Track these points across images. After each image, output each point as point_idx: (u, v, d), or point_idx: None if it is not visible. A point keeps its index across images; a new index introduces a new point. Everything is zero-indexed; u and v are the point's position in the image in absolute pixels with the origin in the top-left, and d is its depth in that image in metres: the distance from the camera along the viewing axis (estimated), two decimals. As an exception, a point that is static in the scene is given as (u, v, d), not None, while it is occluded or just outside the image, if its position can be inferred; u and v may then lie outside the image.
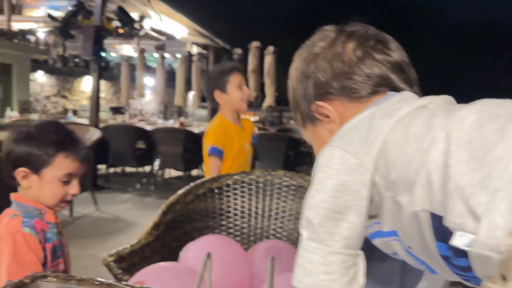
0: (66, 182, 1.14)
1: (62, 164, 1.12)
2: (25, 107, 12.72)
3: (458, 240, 0.50)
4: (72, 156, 1.13)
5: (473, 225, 0.48)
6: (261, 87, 9.35)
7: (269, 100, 8.58)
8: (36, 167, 1.10)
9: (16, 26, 14.86)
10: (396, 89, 0.71)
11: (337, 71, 0.71)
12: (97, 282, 0.88)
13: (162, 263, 1.38)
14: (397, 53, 0.73)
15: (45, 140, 1.11)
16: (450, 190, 0.51)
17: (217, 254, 1.40)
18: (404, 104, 0.64)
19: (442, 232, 0.53)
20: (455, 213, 0.50)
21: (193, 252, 1.48)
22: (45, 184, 1.12)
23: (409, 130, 0.59)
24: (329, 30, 0.75)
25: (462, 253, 0.51)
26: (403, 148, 0.58)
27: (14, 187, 1.17)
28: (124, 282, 0.90)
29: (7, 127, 4.68)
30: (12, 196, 1.15)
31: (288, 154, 5.01)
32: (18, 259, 1.04)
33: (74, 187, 1.15)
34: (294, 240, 1.73)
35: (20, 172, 1.10)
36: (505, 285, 0.45)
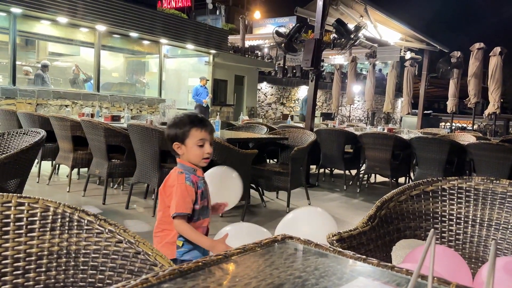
0: (201, 146, 1.74)
1: (195, 134, 1.73)
2: (252, 112, 14.90)
3: None
4: (200, 128, 1.73)
5: None
6: (483, 92, 8.34)
7: (492, 107, 7.58)
8: (182, 140, 1.74)
9: (247, 43, 17.53)
10: None
11: None
12: (331, 248, 1.13)
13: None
14: None
15: (180, 123, 1.75)
16: None
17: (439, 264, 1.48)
18: None
19: None
20: None
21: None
22: (191, 149, 1.74)
23: None
24: None
25: None
26: None
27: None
28: (352, 252, 1.10)
29: (240, 128, 5.61)
30: (178, 160, 1.80)
31: (516, 168, 4.37)
32: (182, 199, 1.70)
33: (207, 148, 1.75)
34: (517, 255, 1.62)
35: (176, 145, 1.76)
36: None
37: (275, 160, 5.43)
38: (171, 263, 1.05)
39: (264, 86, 17.24)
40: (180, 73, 14.29)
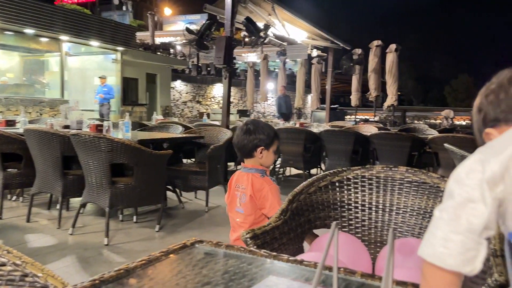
0: (275, 153, 2.05)
1: (276, 143, 2.02)
2: (167, 111, 14.49)
3: None
4: (278, 139, 2.06)
5: None
6: (382, 86, 9.06)
7: (391, 100, 8.27)
8: (268, 146, 1.99)
9: (158, 40, 16.98)
10: None
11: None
12: (242, 249, 1.10)
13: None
14: None
15: (271, 132, 2.03)
16: None
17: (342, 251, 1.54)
18: None
19: None
20: None
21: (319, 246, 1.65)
22: (270, 155, 2.01)
23: None
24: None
25: None
26: None
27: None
28: (263, 250, 1.09)
29: (154, 128, 5.40)
30: (248, 165, 2.02)
31: (412, 155, 4.82)
32: (279, 198, 1.97)
33: (276, 155, 2.09)
34: (416, 236, 1.75)
35: (260, 149, 1.98)
36: None
37: (193, 159, 5.33)
38: (65, 283, 0.95)
39: (179, 85, 16.87)
40: (85, 72, 13.36)
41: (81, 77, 13.16)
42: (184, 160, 5.08)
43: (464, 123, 11.70)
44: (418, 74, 45.05)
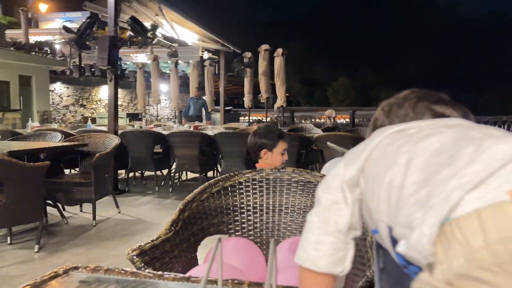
0: (282, 154, 2.19)
1: (281, 145, 2.17)
2: (45, 117, 13.11)
3: (400, 247, 0.59)
4: (284, 140, 2.19)
5: (410, 235, 0.57)
6: (272, 88, 9.45)
7: (280, 101, 8.66)
8: (271, 148, 2.15)
9: (33, 39, 15.33)
10: None
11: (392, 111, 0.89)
12: (123, 271, 1.01)
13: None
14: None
15: (274, 135, 2.17)
16: (400, 206, 0.60)
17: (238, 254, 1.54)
18: (385, 130, 0.76)
19: (395, 243, 0.61)
20: (399, 225, 0.60)
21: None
22: (275, 156, 2.17)
23: (386, 150, 0.71)
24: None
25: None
26: (378, 164, 0.70)
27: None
28: (147, 270, 1.01)
29: (30, 137, 4.85)
30: (258, 165, 2.16)
31: (300, 153, 5.09)
32: None
33: (285, 156, 2.21)
34: (304, 233, 1.84)
35: (264, 151, 2.16)
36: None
37: (77, 169, 4.90)
38: None
39: (59, 87, 15.41)
40: None
41: None
42: (67, 171, 4.64)
43: (344, 121, 12.88)
44: (303, 76, 48.31)
